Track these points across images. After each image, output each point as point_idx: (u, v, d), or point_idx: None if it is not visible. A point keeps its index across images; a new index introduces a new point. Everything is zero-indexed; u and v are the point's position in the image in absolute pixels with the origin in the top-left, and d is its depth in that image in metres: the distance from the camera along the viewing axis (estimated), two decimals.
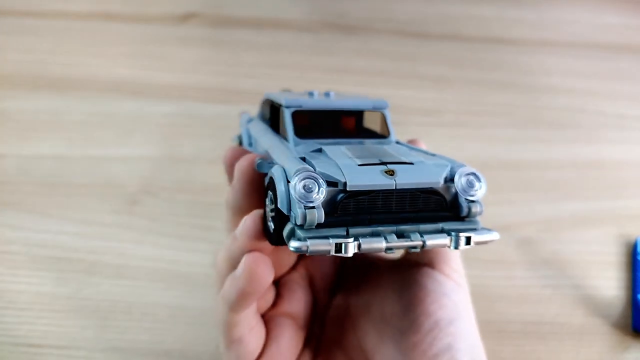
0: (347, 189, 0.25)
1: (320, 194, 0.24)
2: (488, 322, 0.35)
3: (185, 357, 0.43)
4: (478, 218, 0.27)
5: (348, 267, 0.38)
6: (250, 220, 0.29)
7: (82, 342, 0.44)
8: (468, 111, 0.67)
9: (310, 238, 0.24)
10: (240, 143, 0.45)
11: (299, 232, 0.24)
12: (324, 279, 0.38)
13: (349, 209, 0.25)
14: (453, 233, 0.25)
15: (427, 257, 0.33)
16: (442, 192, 0.26)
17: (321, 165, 0.26)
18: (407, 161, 0.27)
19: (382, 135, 0.34)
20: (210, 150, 0.60)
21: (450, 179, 0.27)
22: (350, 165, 0.26)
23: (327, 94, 0.36)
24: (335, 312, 0.36)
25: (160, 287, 0.48)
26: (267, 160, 0.31)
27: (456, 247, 0.25)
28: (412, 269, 0.33)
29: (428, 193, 0.26)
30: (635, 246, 0.52)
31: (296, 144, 0.32)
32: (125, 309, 0.46)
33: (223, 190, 0.58)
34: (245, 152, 0.36)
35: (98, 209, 0.54)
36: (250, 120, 0.44)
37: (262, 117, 0.42)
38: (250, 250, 0.29)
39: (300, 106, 0.33)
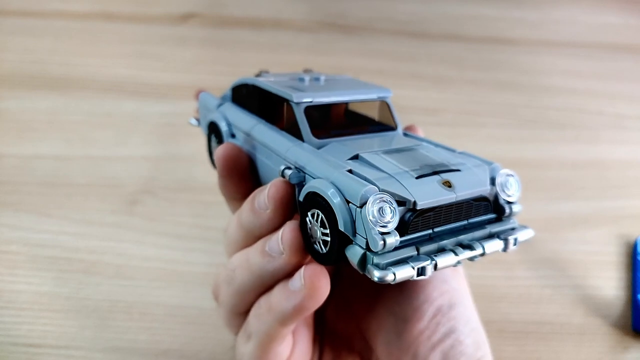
0: (417, 208, 0.24)
1: (394, 217, 0.23)
2: (489, 322, 0.35)
3: (184, 356, 0.43)
4: (514, 217, 0.28)
5: (342, 267, 0.38)
6: (291, 234, 0.27)
7: (82, 342, 0.44)
8: (468, 111, 0.67)
9: (391, 265, 0.23)
10: (209, 129, 0.39)
11: (376, 260, 0.23)
12: (332, 299, 0.37)
13: (417, 227, 0.25)
14: (502, 236, 0.26)
15: None
16: (488, 196, 0.27)
17: (382, 182, 0.24)
18: (455, 168, 0.27)
19: (389, 126, 0.33)
20: None
21: (491, 182, 0.27)
22: (408, 179, 0.25)
23: (316, 79, 0.34)
24: (334, 302, 0.36)
25: (160, 287, 0.48)
26: (297, 171, 0.28)
27: (505, 250, 0.26)
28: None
29: (479, 200, 0.27)
30: (635, 246, 0.51)
31: (318, 146, 0.29)
32: (125, 308, 0.46)
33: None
34: (240, 152, 0.34)
35: (98, 209, 0.53)
36: (220, 105, 0.39)
37: (238, 103, 0.38)
38: (301, 264, 0.28)
39: (311, 101, 0.30)
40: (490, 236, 0.27)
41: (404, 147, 0.29)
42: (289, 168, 0.28)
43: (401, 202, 0.24)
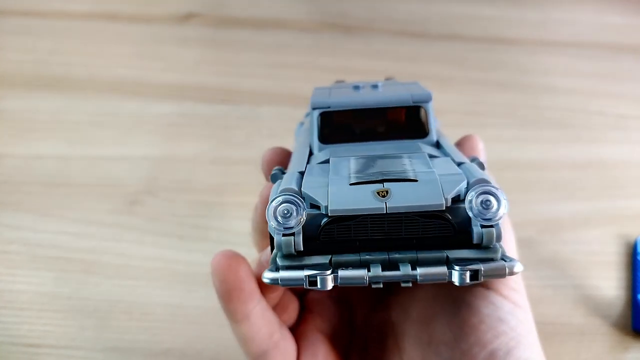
0: (329, 214, 0.22)
1: (300, 220, 0.22)
2: None
3: (185, 356, 0.43)
4: (498, 245, 0.23)
5: (394, 290, 0.34)
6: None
7: (82, 342, 0.44)
8: (468, 111, 0.67)
9: (284, 268, 0.22)
10: None
11: (278, 261, 0.23)
12: (360, 291, 0.35)
13: (332, 235, 0.23)
14: (456, 266, 0.22)
15: None
16: (448, 214, 0.23)
17: (310, 183, 0.24)
18: (411, 177, 0.23)
19: (419, 132, 0.30)
20: (211, 150, 0.60)
21: (462, 199, 0.23)
22: (340, 184, 0.23)
23: (374, 86, 0.33)
24: (378, 329, 0.33)
25: (160, 287, 0.48)
26: (281, 173, 0.28)
27: (461, 283, 0.21)
28: (467, 290, 0.29)
29: (429, 217, 0.23)
30: (635, 246, 0.51)
31: (320, 150, 0.29)
32: (125, 308, 0.46)
33: (223, 190, 0.58)
34: (285, 151, 0.33)
35: (98, 209, 0.53)
36: (301, 125, 0.40)
37: None
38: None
39: (329, 107, 0.30)
40: (444, 262, 0.22)
41: (386, 154, 0.27)
42: (280, 170, 0.29)
43: (317, 206, 0.23)
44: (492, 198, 0.22)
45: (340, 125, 0.31)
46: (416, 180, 0.23)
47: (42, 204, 0.54)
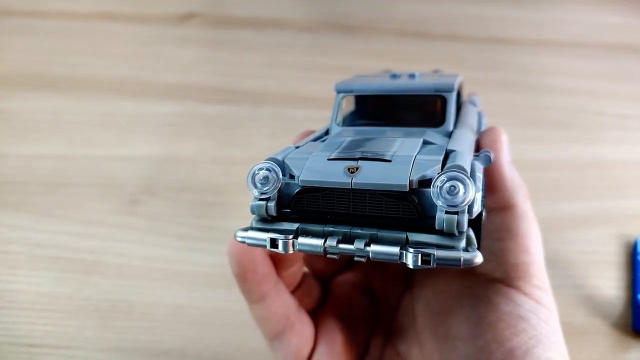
0: (300, 184, 0.24)
1: (275, 187, 0.24)
2: None
3: (185, 356, 0.43)
4: (465, 234, 0.22)
5: (418, 273, 0.34)
6: None
7: (82, 342, 0.44)
8: None
9: (255, 230, 0.24)
10: None
11: (253, 223, 0.25)
12: (386, 282, 0.35)
13: (302, 205, 0.24)
14: (411, 249, 0.21)
15: (500, 271, 0.28)
16: (414, 197, 0.22)
17: (295, 156, 0.25)
18: (386, 158, 0.23)
19: (436, 122, 0.30)
20: (211, 150, 0.60)
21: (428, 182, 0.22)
22: (319, 159, 0.24)
23: (411, 75, 0.33)
24: (402, 320, 0.33)
25: (161, 287, 0.48)
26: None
27: (414, 266, 0.21)
28: (485, 285, 0.28)
29: (394, 197, 0.23)
30: (635, 246, 0.51)
31: (335, 131, 0.31)
32: (126, 308, 0.46)
33: (223, 190, 0.58)
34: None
35: (98, 209, 0.53)
36: None
37: None
38: None
39: (352, 91, 0.32)
40: (396, 242, 0.22)
41: (382, 136, 0.28)
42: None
43: (293, 175, 0.24)
44: (459, 184, 0.21)
45: (360, 109, 0.32)
46: (390, 161, 0.23)
47: (43, 204, 0.54)
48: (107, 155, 0.59)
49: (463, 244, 0.22)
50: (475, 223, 0.24)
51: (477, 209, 0.23)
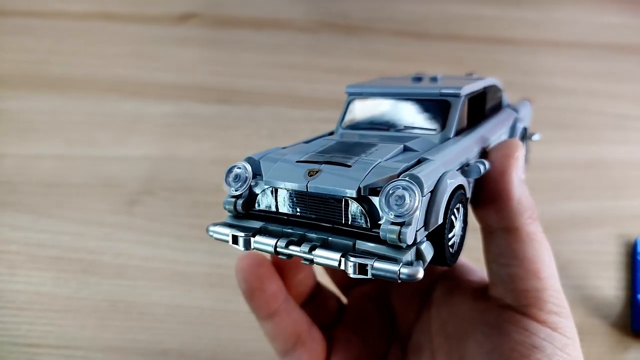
0: (264, 184, 0.24)
1: (243, 185, 0.25)
2: None
3: (184, 356, 0.43)
4: (416, 247, 0.21)
5: (436, 291, 0.33)
6: None
7: (81, 342, 0.44)
8: None
9: (223, 225, 0.25)
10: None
11: (225, 218, 0.26)
12: (404, 297, 0.35)
13: (265, 204, 0.25)
14: (351, 257, 0.21)
15: (511, 298, 0.27)
16: (362, 204, 0.22)
17: (271, 157, 0.26)
18: (348, 163, 0.23)
19: (436, 127, 0.29)
20: (210, 150, 0.60)
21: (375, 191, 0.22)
22: (289, 161, 0.25)
23: (433, 79, 0.33)
24: (419, 338, 0.33)
25: (160, 287, 0.48)
26: None
27: (353, 274, 0.21)
28: (498, 311, 0.28)
29: (341, 202, 0.22)
30: (635, 246, 0.51)
31: (336, 133, 0.31)
32: (124, 308, 0.46)
33: (221, 190, 0.58)
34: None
35: (97, 209, 0.53)
36: None
37: None
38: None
39: (361, 93, 0.32)
40: (344, 249, 0.22)
41: (364, 141, 0.28)
42: None
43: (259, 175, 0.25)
44: (406, 195, 0.20)
45: (366, 112, 0.32)
46: (350, 166, 0.23)
47: (42, 204, 0.54)
48: (106, 155, 0.59)
49: (409, 257, 0.21)
50: (437, 237, 0.23)
51: (435, 221, 0.22)
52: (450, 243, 0.24)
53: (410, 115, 0.31)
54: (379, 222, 0.22)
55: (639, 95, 0.71)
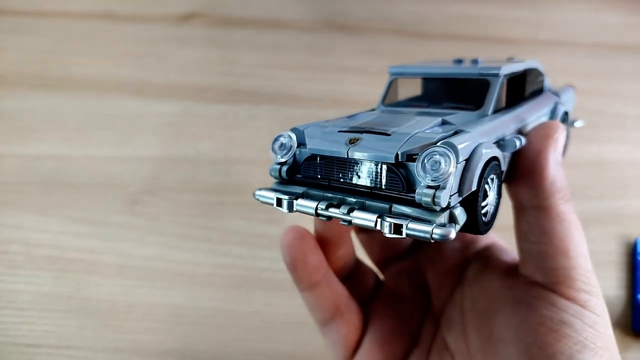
0: (308, 152, 0.26)
1: (288, 153, 0.27)
2: None
3: (185, 356, 0.43)
4: (449, 211, 0.22)
5: (469, 270, 0.34)
6: None
7: (82, 342, 0.44)
8: None
9: (269, 190, 0.27)
10: None
11: (272, 184, 0.28)
12: (439, 274, 0.35)
13: (308, 171, 0.27)
14: (387, 218, 0.22)
15: (540, 275, 0.27)
16: (400, 169, 0.23)
17: (314, 128, 0.27)
18: (388, 132, 0.25)
19: (474, 105, 0.30)
20: (211, 150, 0.60)
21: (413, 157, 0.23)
22: (332, 130, 0.26)
23: (474, 61, 0.34)
24: (451, 314, 0.33)
25: (161, 287, 0.48)
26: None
27: (390, 232, 0.22)
28: (526, 287, 0.28)
29: (382, 168, 0.24)
30: (635, 246, 0.52)
31: (378, 109, 0.33)
32: (126, 308, 0.46)
33: (224, 190, 0.58)
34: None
35: (98, 209, 0.53)
36: None
37: None
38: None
39: (402, 73, 0.33)
40: (380, 211, 0.23)
41: (402, 114, 0.29)
42: None
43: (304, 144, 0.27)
44: (441, 160, 0.22)
45: (406, 91, 0.33)
46: (389, 135, 0.24)
47: (42, 204, 0.54)
48: (107, 155, 0.59)
49: (442, 219, 0.22)
50: (470, 204, 0.24)
51: (468, 188, 0.23)
52: (483, 212, 0.25)
53: (449, 94, 0.32)
54: (415, 188, 0.23)
55: (639, 95, 0.71)
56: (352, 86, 0.68)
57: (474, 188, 0.23)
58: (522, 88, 0.34)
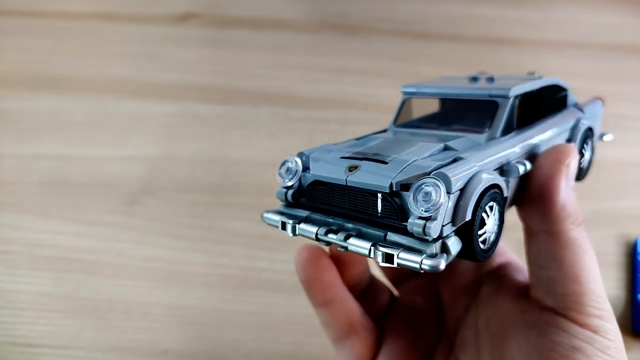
0: (311, 178, 0.27)
1: (293, 178, 0.28)
2: None
3: (183, 356, 0.43)
4: (442, 241, 0.22)
5: (484, 288, 0.34)
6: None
7: (81, 342, 0.44)
8: None
9: (275, 213, 0.28)
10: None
11: (279, 207, 0.29)
12: (454, 293, 0.35)
13: (312, 195, 0.27)
14: (380, 247, 0.23)
15: (551, 301, 0.27)
16: (394, 199, 0.24)
17: (320, 152, 0.28)
18: (386, 160, 0.25)
19: (482, 128, 0.29)
20: (209, 150, 0.60)
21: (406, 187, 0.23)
22: (335, 156, 0.27)
23: (489, 79, 0.33)
24: (465, 333, 0.33)
25: (160, 287, 0.48)
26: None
27: (382, 262, 0.22)
28: (538, 312, 0.28)
29: (376, 196, 0.24)
30: (635, 246, 0.51)
31: (389, 130, 0.33)
32: (124, 308, 0.46)
33: (222, 191, 0.58)
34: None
35: (97, 209, 0.53)
36: None
37: None
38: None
39: (414, 93, 0.33)
40: (375, 239, 0.24)
41: (403, 140, 0.29)
42: None
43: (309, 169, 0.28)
44: (432, 191, 0.22)
45: (418, 111, 0.34)
46: (386, 163, 0.25)
47: (42, 204, 0.54)
48: (105, 155, 0.59)
49: (434, 249, 0.22)
50: (466, 232, 0.24)
51: (462, 218, 0.23)
52: (481, 239, 0.25)
53: (459, 115, 0.32)
54: (409, 217, 0.23)
55: (639, 95, 0.71)
56: (352, 87, 0.68)
57: (468, 218, 0.23)
58: (538, 107, 0.33)
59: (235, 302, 0.47)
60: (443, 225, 0.22)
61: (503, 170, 0.27)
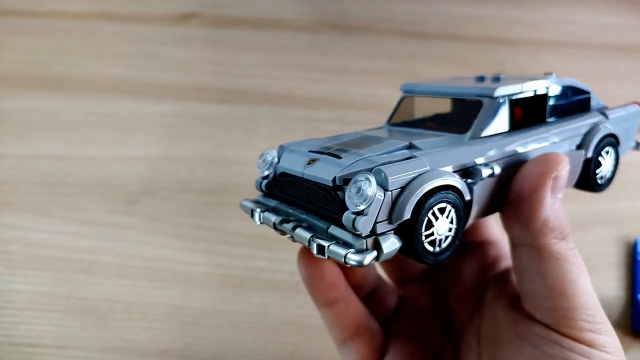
0: (279, 169, 0.28)
1: (269, 168, 0.29)
2: None
3: (183, 356, 0.43)
4: (373, 238, 0.22)
5: (488, 293, 0.33)
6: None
7: (81, 342, 0.44)
8: None
9: (251, 202, 0.29)
10: None
11: (258, 197, 0.30)
12: (460, 296, 0.34)
13: (281, 186, 0.29)
14: (317, 239, 0.23)
15: (540, 315, 0.26)
16: (336, 192, 0.24)
17: (296, 145, 0.29)
18: (340, 155, 0.25)
19: (464, 128, 0.28)
20: (209, 150, 0.60)
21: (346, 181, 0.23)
22: (304, 150, 0.28)
23: (495, 78, 0.33)
24: (469, 339, 0.32)
25: (159, 287, 0.48)
26: None
27: (318, 253, 0.23)
28: (529, 324, 0.27)
29: (324, 190, 0.25)
30: (635, 246, 0.51)
31: (385, 128, 0.33)
32: (124, 308, 0.46)
33: (222, 191, 0.58)
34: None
35: (97, 209, 0.53)
36: None
37: None
38: None
39: (411, 92, 0.34)
40: (317, 232, 0.24)
41: (374, 136, 0.29)
42: None
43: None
44: (363, 186, 0.22)
45: (414, 110, 0.34)
46: (340, 158, 0.25)
47: (42, 204, 0.54)
48: (105, 155, 0.59)
49: (365, 244, 0.22)
50: (407, 230, 0.23)
51: (398, 216, 0.22)
52: (428, 240, 0.24)
53: (452, 114, 0.32)
54: (339, 208, 0.24)
55: (639, 95, 0.71)
56: (351, 87, 0.68)
57: (406, 217, 0.23)
58: (542, 110, 0.32)
59: (235, 302, 0.47)
60: (378, 222, 0.22)
61: (468, 172, 0.26)
